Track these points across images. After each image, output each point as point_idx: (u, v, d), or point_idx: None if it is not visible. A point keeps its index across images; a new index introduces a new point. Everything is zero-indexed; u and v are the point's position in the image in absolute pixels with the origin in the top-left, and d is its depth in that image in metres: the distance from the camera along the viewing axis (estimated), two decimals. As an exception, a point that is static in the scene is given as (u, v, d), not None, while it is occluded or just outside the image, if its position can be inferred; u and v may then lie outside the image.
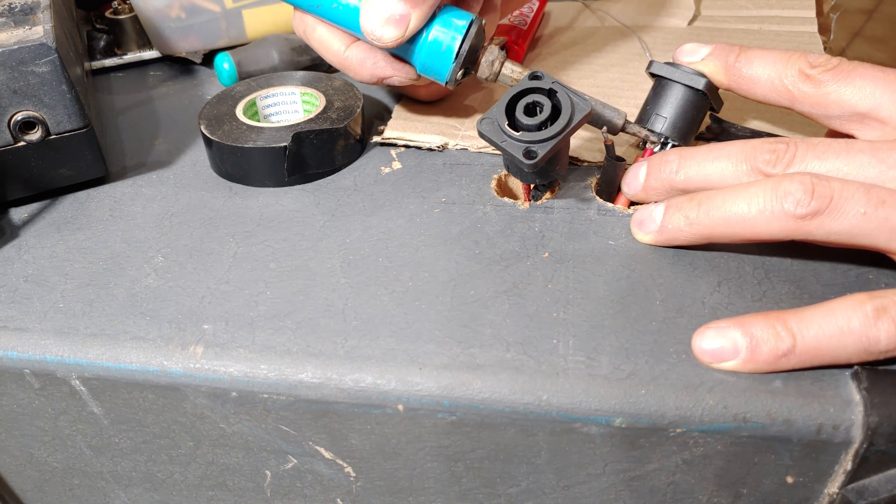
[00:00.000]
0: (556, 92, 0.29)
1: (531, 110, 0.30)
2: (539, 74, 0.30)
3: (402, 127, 0.38)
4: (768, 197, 0.26)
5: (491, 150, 0.37)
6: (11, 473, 0.32)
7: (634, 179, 0.31)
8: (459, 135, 0.38)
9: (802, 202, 0.25)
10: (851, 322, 0.24)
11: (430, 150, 0.38)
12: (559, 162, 0.31)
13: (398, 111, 0.40)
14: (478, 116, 0.40)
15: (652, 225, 0.29)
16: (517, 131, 0.29)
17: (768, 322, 0.25)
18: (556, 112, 0.29)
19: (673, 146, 0.32)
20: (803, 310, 0.25)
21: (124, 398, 0.27)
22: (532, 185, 0.33)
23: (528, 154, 0.29)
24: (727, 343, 0.24)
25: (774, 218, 0.26)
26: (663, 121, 0.32)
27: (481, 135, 0.30)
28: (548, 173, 0.31)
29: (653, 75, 0.33)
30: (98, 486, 0.32)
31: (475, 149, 0.37)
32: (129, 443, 0.29)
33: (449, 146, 0.37)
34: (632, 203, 0.32)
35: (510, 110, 0.30)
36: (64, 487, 0.32)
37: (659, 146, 0.32)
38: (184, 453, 0.29)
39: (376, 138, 0.38)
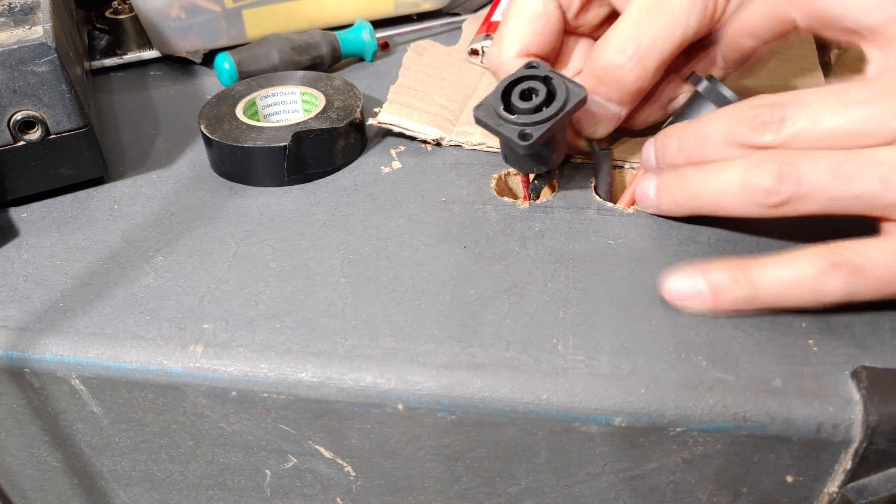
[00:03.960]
0: (552, 79, 0.30)
1: (527, 96, 0.30)
2: (535, 64, 0.30)
3: (398, 112, 0.38)
4: (740, 187, 0.26)
5: (488, 148, 0.37)
6: (11, 473, 0.32)
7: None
8: (454, 130, 0.38)
9: (772, 193, 0.25)
10: (806, 273, 0.25)
11: (425, 142, 0.38)
12: (556, 148, 0.31)
13: (393, 94, 0.40)
14: (473, 104, 0.40)
15: (649, 202, 0.31)
16: (513, 115, 0.30)
17: (729, 269, 0.26)
18: (550, 97, 0.30)
19: None
20: (763, 259, 0.26)
21: (124, 398, 0.27)
22: (531, 178, 0.33)
23: (523, 136, 0.29)
24: (691, 286, 0.26)
25: (750, 205, 0.26)
26: None
27: (477, 120, 0.30)
28: (545, 159, 0.31)
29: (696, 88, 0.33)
30: (98, 486, 0.32)
31: (469, 146, 0.37)
32: (129, 442, 0.29)
33: (443, 142, 0.37)
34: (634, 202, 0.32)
35: (506, 98, 0.30)
36: (64, 487, 0.32)
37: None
38: (184, 453, 0.29)
39: (371, 120, 0.38)
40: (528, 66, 0.30)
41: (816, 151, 0.25)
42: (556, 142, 0.31)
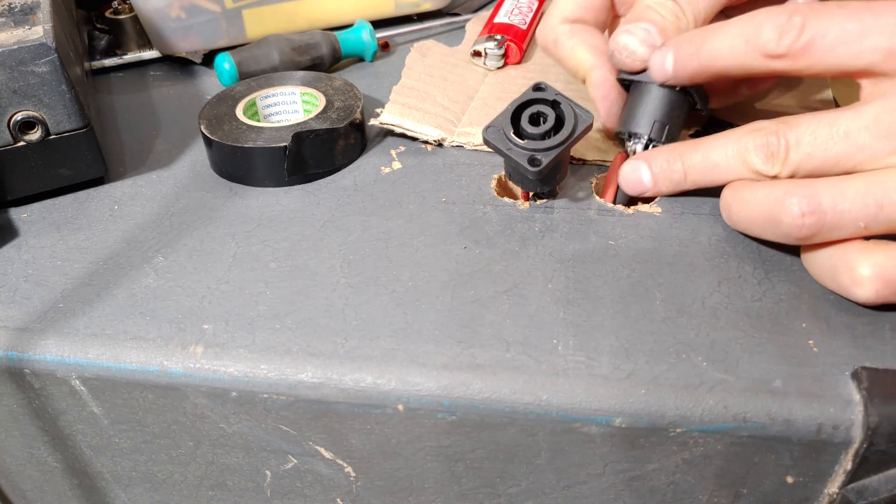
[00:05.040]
0: (560, 103, 0.30)
1: (535, 120, 0.31)
2: (542, 86, 0.31)
3: (400, 112, 0.38)
4: (768, 218, 0.27)
5: (487, 148, 0.37)
6: (11, 473, 0.32)
7: (639, 183, 0.31)
8: (456, 131, 0.38)
9: (795, 227, 0.26)
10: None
11: (426, 143, 0.38)
12: (560, 171, 0.32)
13: (395, 94, 0.40)
14: (475, 105, 0.40)
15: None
16: (522, 139, 0.30)
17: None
18: (559, 122, 0.30)
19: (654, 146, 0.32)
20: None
21: (124, 398, 0.27)
22: (531, 194, 0.33)
23: (533, 161, 0.30)
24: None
25: (777, 235, 0.28)
26: (648, 123, 0.32)
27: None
28: (549, 181, 0.32)
29: (623, 82, 0.33)
30: (98, 486, 0.32)
31: (471, 147, 0.37)
32: (129, 443, 0.29)
33: (445, 143, 0.37)
34: (631, 202, 0.32)
35: (515, 119, 0.31)
36: (64, 488, 0.32)
37: (643, 147, 0.32)
38: (184, 453, 0.29)
39: (373, 121, 0.38)
40: (537, 88, 0.31)
41: (841, 179, 0.26)
42: (562, 164, 0.32)
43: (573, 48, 0.34)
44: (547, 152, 0.30)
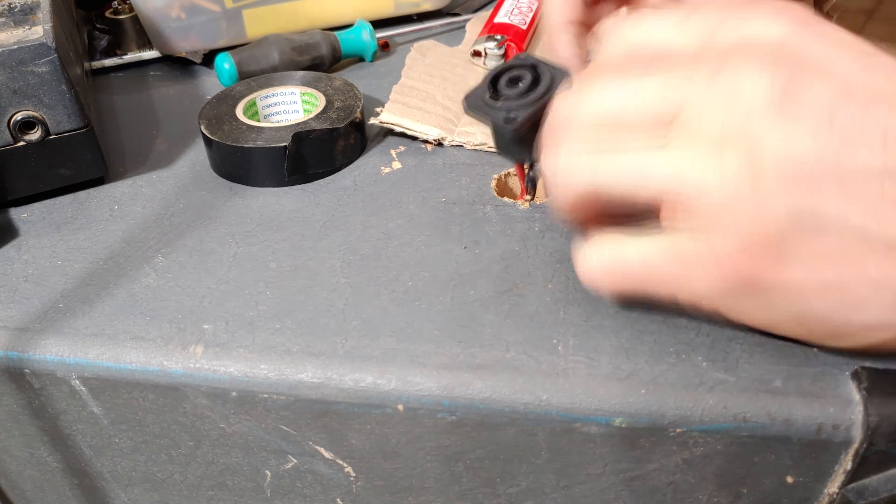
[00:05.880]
0: (538, 66, 0.30)
1: (513, 83, 0.30)
2: (522, 56, 0.30)
3: (400, 112, 0.38)
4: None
5: (489, 148, 0.37)
6: (11, 473, 0.32)
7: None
8: (456, 131, 0.38)
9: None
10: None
11: (426, 142, 0.38)
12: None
13: (395, 94, 0.40)
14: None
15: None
16: (499, 102, 0.29)
17: None
18: (536, 83, 0.29)
19: None
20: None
21: (124, 398, 0.27)
22: (526, 170, 0.33)
23: (508, 120, 0.29)
24: None
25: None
26: None
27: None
28: (528, 143, 0.31)
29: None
30: (98, 486, 0.32)
31: (471, 146, 0.37)
32: (129, 443, 0.29)
33: (445, 142, 0.37)
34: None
35: (494, 87, 0.30)
36: (64, 488, 0.32)
37: None
38: (184, 453, 0.29)
39: (373, 120, 0.38)
40: (517, 57, 0.30)
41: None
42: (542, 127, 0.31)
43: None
44: (523, 109, 0.29)
